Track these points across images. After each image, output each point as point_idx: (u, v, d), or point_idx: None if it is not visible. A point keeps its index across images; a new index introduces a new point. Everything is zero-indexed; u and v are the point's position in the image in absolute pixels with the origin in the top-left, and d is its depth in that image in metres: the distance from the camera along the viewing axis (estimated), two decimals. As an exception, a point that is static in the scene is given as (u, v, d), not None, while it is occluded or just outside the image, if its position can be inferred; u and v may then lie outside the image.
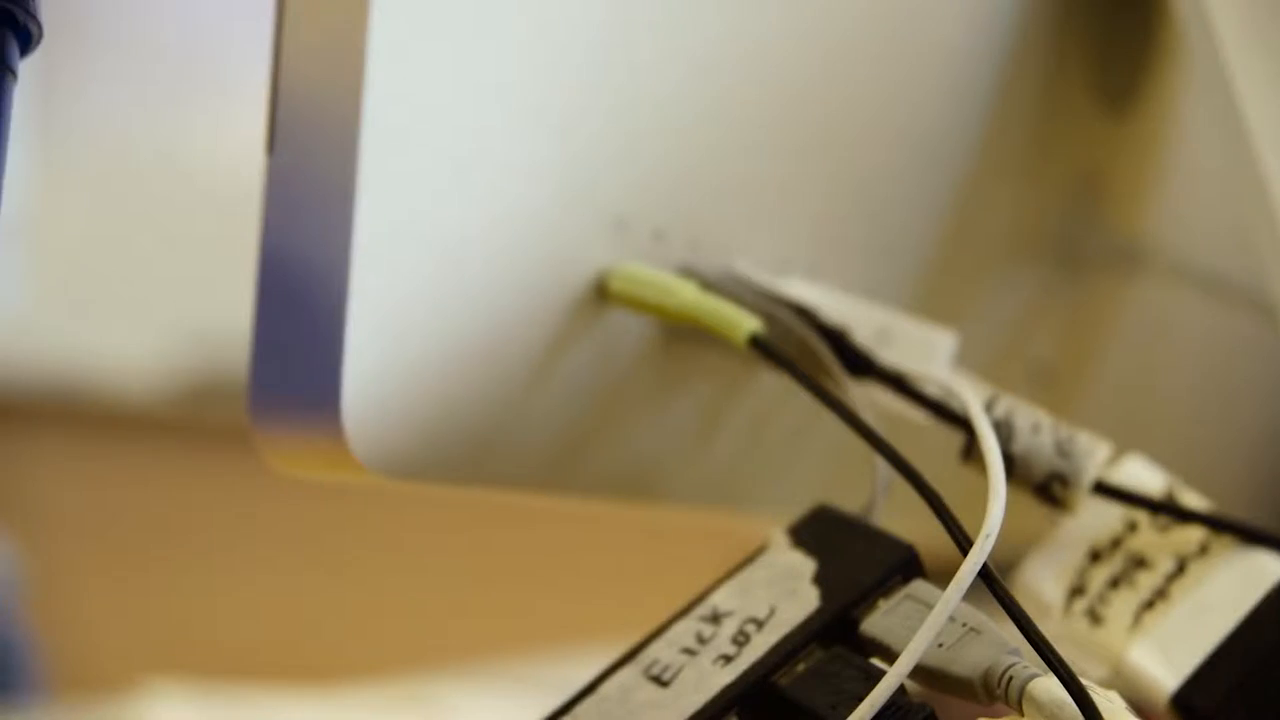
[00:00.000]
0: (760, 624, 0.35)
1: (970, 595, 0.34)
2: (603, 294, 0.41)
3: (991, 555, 0.34)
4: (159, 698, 0.70)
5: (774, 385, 0.46)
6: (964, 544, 0.34)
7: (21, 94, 0.35)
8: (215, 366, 1.71)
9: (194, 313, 1.74)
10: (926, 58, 0.49)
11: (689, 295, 0.41)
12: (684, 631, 0.36)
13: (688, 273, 0.42)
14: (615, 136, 0.41)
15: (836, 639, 0.35)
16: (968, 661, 0.33)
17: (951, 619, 0.34)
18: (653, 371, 0.43)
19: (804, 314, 0.43)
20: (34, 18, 0.35)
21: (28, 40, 0.35)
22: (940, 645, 0.34)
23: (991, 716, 0.34)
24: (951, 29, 0.50)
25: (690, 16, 0.42)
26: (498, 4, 0.38)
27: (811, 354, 0.42)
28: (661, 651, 0.36)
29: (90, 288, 1.70)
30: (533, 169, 0.40)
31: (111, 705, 0.70)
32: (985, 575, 0.34)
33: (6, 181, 0.36)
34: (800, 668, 0.34)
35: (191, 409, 1.72)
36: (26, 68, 0.35)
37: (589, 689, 0.36)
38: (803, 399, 0.40)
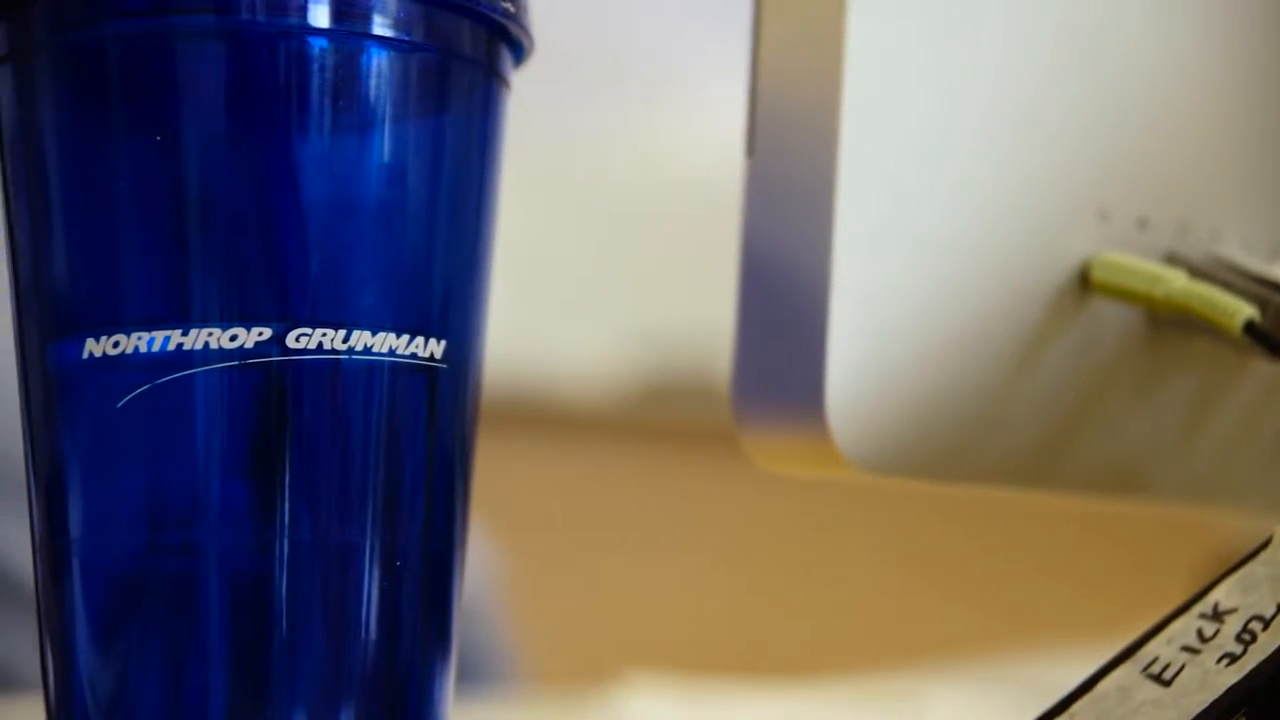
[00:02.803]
0: (1266, 622, 0.34)
1: None
2: (1085, 284, 0.40)
3: None
4: (635, 690, 0.71)
5: (1267, 374, 0.44)
6: None
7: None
8: (670, 368, 1.74)
9: (649, 315, 1.77)
10: None
11: (1178, 283, 0.40)
12: (1184, 629, 0.35)
13: (1173, 260, 0.41)
14: (1094, 126, 0.40)
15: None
16: None
17: None
18: (1137, 362, 0.42)
19: (1299, 300, 0.41)
20: (526, 31, 0.36)
21: (520, 52, 0.37)
22: None
23: None
24: None
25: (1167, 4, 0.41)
26: (971, 2, 0.38)
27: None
28: (1161, 650, 0.35)
29: (555, 293, 1.75)
30: (1009, 162, 0.39)
31: (588, 697, 0.72)
32: None
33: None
34: (1311, 668, 0.33)
35: (648, 410, 1.76)
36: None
37: (1084, 688, 0.35)
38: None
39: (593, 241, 1.78)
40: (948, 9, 0.38)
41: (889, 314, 0.38)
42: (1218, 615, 0.35)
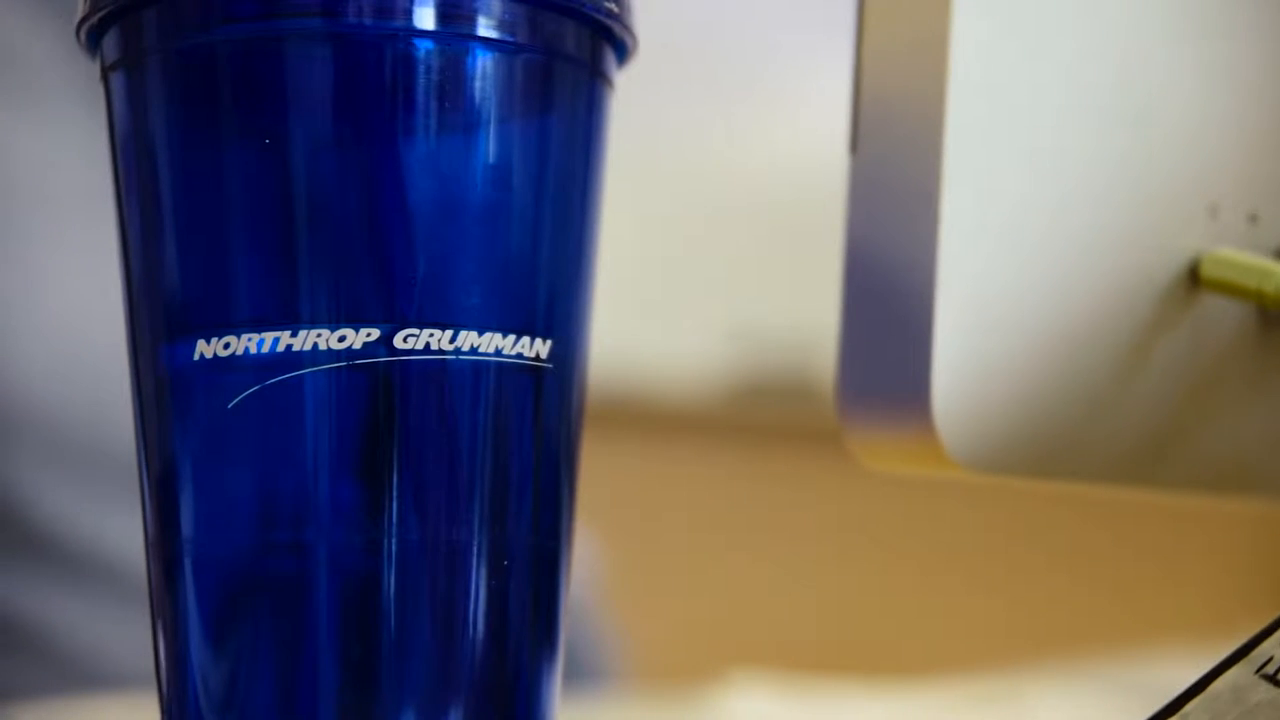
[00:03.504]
0: (1383, 622, 0.33)
1: None
2: (1194, 280, 0.40)
3: None
4: (738, 689, 0.71)
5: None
6: None
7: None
8: (769, 367, 1.74)
9: (747, 313, 1.77)
10: None
11: (1289, 279, 0.39)
12: (1298, 629, 0.35)
13: (1284, 255, 0.41)
14: (1204, 122, 0.40)
15: None
16: None
17: None
18: (1248, 359, 0.42)
19: None
20: (629, 30, 0.36)
21: (623, 52, 0.37)
22: None
23: None
24: None
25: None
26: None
27: None
28: (1275, 650, 0.34)
29: (654, 291, 1.75)
30: (1117, 158, 0.39)
31: (691, 696, 0.72)
32: None
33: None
34: None
35: (747, 408, 1.75)
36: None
37: (1197, 688, 0.35)
38: None
39: (692, 239, 1.78)
40: (1053, 5, 0.38)
41: (995, 310, 0.38)
42: (1333, 615, 0.34)
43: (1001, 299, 0.38)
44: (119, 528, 0.70)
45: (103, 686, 0.68)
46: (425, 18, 0.34)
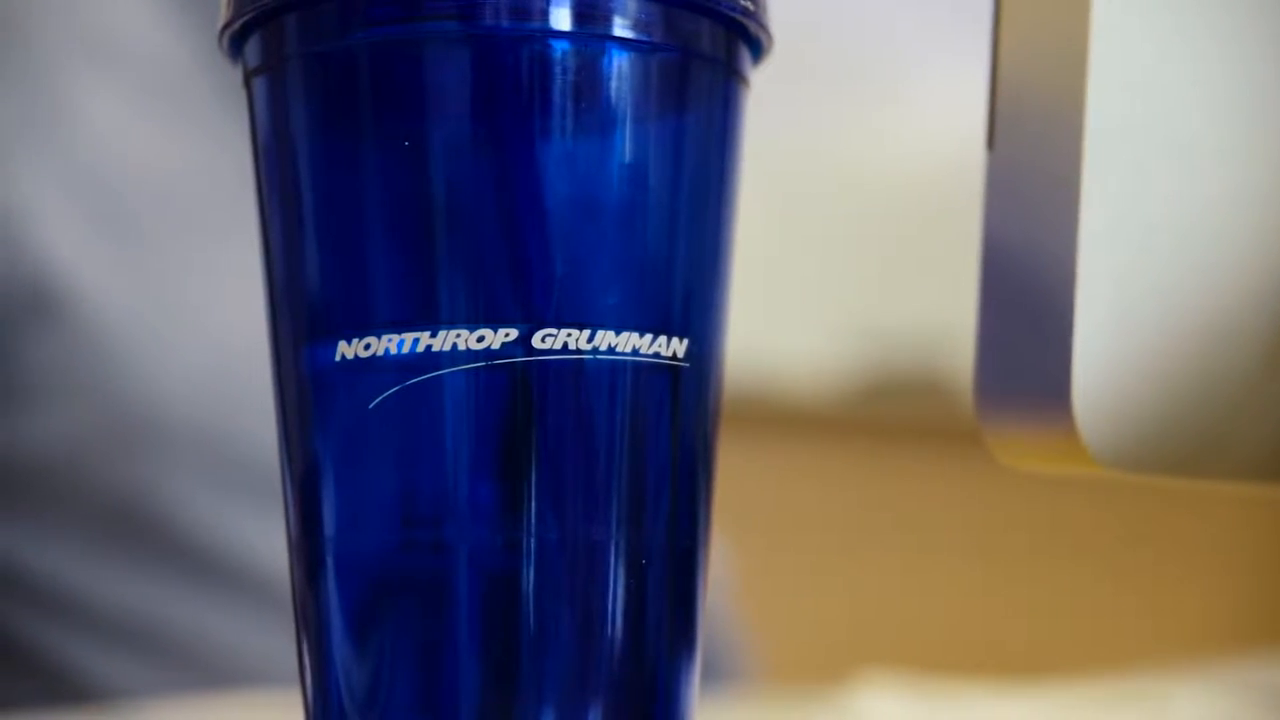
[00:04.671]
0: None
1: None
2: (1342, 275, 0.39)
3: None
4: (870, 690, 0.71)
5: None
6: None
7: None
8: (898, 365, 1.73)
9: (876, 311, 1.76)
10: None
11: None
12: None
13: None
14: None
15: None
16: None
17: None
18: (1397, 355, 0.41)
19: None
20: (765, 28, 0.36)
21: (759, 50, 0.37)
22: None
23: None
24: None
25: None
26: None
27: None
28: None
29: (783, 289, 1.75)
30: (1259, 150, 0.38)
31: (824, 697, 0.72)
32: None
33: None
34: None
35: (878, 407, 1.74)
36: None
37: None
38: None
39: (821, 238, 1.78)
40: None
41: (1136, 306, 0.37)
42: None
43: (1143, 294, 0.37)
44: (259, 535, 0.71)
45: (241, 688, 0.69)
46: (561, 19, 0.34)
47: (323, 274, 0.35)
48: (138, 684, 0.70)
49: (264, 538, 0.70)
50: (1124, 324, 0.37)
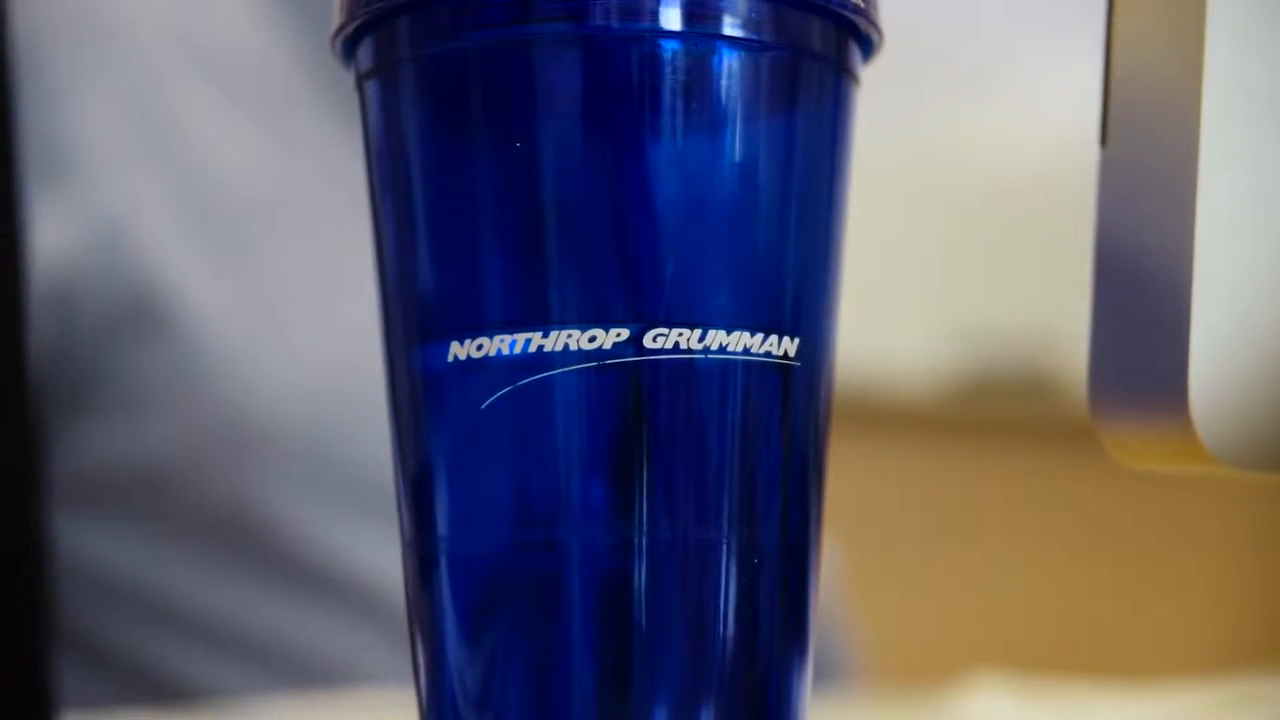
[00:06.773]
0: None
1: None
2: None
3: None
4: (980, 691, 0.71)
5: None
6: None
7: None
8: (1005, 363, 1.72)
9: (983, 310, 1.75)
10: None
11: None
12: None
13: None
14: None
15: None
16: None
17: None
18: None
19: None
20: (875, 26, 0.36)
21: (869, 48, 0.37)
22: None
23: None
24: None
25: None
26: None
27: None
28: None
29: (890, 287, 1.74)
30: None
31: (933, 697, 0.72)
32: None
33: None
34: None
35: (983, 406, 1.73)
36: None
37: None
38: None
39: (931, 236, 1.77)
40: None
41: (1253, 302, 0.37)
42: None
43: (1260, 290, 0.37)
44: (361, 544, 0.71)
45: (346, 693, 0.70)
46: (672, 18, 0.34)
47: (435, 275, 0.35)
48: (242, 690, 0.71)
49: (368, 547, 0.71)
50: (1240, 321, 0.37)
